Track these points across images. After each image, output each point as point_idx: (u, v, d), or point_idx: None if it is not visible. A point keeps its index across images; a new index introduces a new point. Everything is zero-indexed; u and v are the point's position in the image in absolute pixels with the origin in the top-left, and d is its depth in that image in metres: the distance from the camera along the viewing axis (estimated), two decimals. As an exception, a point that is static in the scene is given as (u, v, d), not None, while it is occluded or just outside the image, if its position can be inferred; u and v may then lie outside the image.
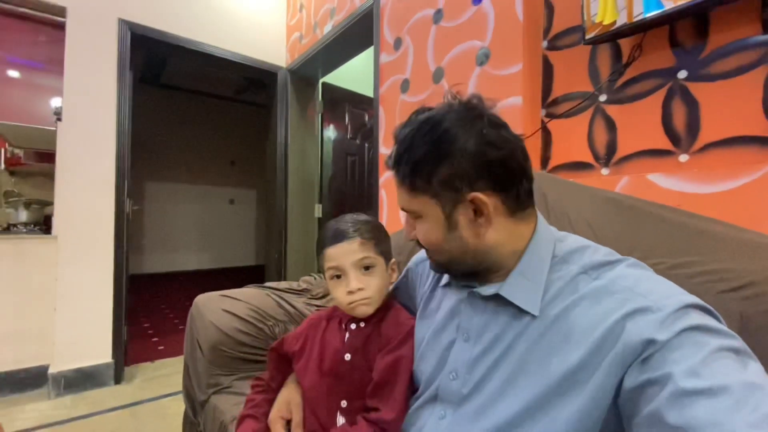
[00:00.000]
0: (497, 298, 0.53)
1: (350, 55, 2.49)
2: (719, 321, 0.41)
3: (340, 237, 0.68)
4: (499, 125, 0.51)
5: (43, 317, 1.95)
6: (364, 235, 0.68)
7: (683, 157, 0.95)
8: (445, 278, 0.65)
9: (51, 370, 1.91)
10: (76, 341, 1.98)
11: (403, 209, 0.58)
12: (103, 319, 2.05)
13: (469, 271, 0.56)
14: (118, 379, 2.07)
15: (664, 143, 0.98)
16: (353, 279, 0.66)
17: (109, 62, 2.10)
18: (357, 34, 2.14)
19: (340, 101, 2.91)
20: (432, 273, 0.70)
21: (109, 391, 1.97)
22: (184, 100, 5.11)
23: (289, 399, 0.71)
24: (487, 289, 0.54)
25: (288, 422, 0.69)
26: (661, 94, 0.99)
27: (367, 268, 0.67)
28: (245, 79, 4.58)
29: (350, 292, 0.66)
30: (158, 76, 4.54)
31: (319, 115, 2.89)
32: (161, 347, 2.63)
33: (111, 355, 2.06)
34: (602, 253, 0.52)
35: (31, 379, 1.94)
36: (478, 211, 0.50)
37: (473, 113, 0.51)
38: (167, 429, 1.61)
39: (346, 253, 0.67)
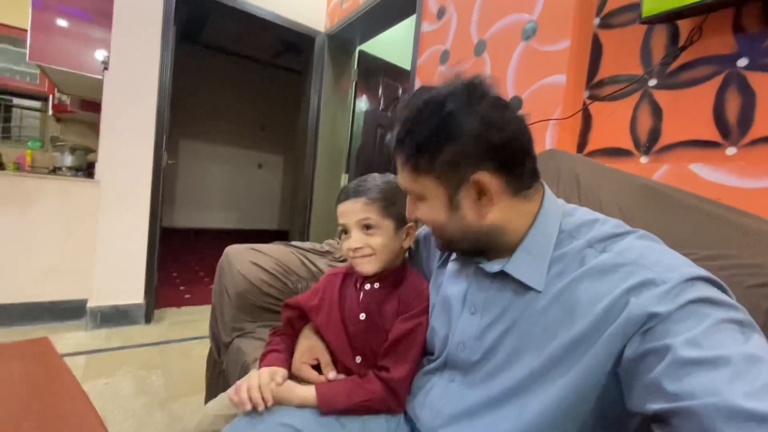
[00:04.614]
0: (503, 275, 0.53)
1: (391, 22, 2.43)
2: (726, 293, 0.41)
3: (345, 195, 0.71)
4: (502, 106, 0.50)
5: (83, 255, 2.09)
6: (370, 196, 0.68)
7: (731, 150, 0.90)
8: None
9: (89, 304, 2.06)
10: (113, 280, 2.12)
11: (405, 190, 0.58)
12: (138, 263, 2.18)
13: (473, 250, 0.57)
14: (148, 319, 2.22)
15: (713, 134, 0.94)
16: (353, 237, 0.69)
17: (155, 16, 2.13)
18: (399, 1, 2.09)
19: (376, 71, 2.88)
20: None
21: (139, 329, 2.12)
22: (220, 60, 5.14)
23: (310, 346, 0.71)
24: (493, 266, 0.54)
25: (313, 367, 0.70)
26: (716, 81, 0.93)
27: (368, 227, 0.68)
28: (282, 43, 4.57)
29: (350, 249, 0.69)
30: (198, 35, 4.58)
31: (353, 84, 2.87)
32: (187, 296, 2.78)
33: (143, 297, 2.20)
34: (610, 225, 0.51)
35: (71, 311, 2.10)
36: (481, 191, 0.50)
37: (475, 94, 0.50)
38: (191, 367, 1.73)
39: (349, 211, 0.69)
